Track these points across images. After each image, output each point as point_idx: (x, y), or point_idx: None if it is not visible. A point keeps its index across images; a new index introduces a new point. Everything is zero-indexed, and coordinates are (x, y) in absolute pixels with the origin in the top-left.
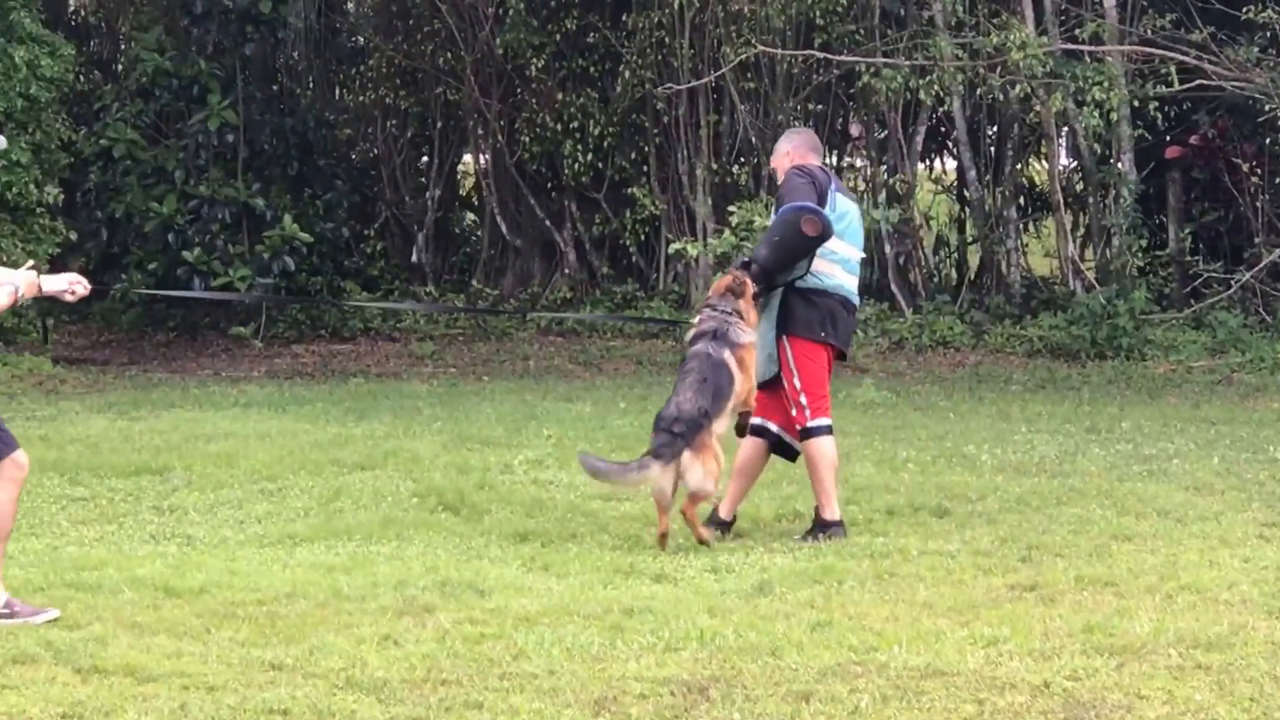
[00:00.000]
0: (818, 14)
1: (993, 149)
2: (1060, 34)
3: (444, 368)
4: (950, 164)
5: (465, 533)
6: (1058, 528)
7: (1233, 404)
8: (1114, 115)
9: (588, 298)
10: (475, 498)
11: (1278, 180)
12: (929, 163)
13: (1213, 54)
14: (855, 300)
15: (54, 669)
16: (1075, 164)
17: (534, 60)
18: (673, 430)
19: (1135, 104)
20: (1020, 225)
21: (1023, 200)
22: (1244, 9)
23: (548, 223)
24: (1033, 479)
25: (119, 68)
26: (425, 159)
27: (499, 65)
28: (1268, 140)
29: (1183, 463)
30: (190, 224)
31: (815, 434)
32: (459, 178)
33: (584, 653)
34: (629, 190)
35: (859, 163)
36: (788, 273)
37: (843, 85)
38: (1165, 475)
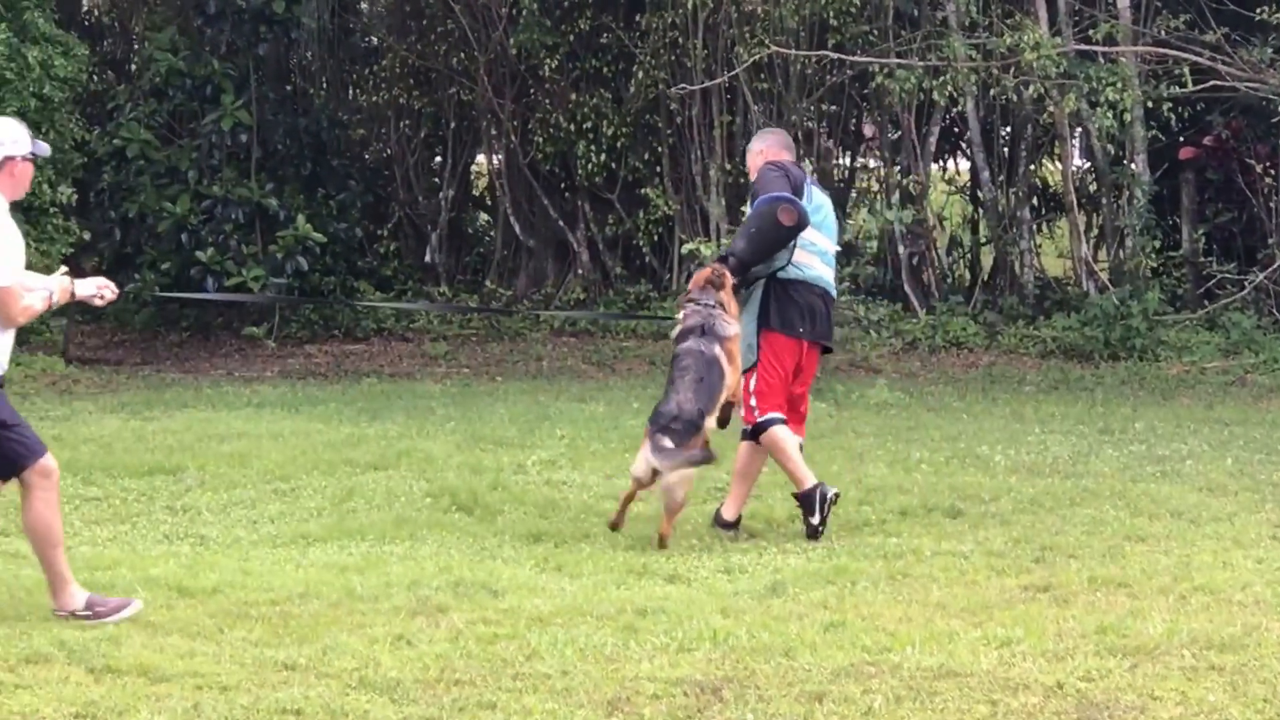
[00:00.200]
0: (831, 14)
1: (1006, 150)
2: (1074, 35)
3: (457, 368)
4: (964, 165)
5: (478, 533)
6: (1071, 529)
7: (1246, 405)
8: (1128, 116)
9: (601, 298)
10: (488, 498)
11: None
12: (942, 163)
13: (1227, 55)
14: (833, 292)
15: (67, 668)
16: (1089, 165)
17: (547, 60)
18: (670, 428)
19: (1149, 105)
20: (1034, 226)
21: (1036, 201)
22: (1258, 10)
23: (561, 223)
24: (1046, 480)
25: (132, 68)
26: (439, 159)
27: (512, 65)
28: None
29: (1196, 464)
30: (203, 224)
31: (768, 425)
32: (472, 178)
33: (597, 653)
34: (642, 190)
35: (872, 163)
36: (767, 264)
37: (856, 86)
38: (1178, 476)
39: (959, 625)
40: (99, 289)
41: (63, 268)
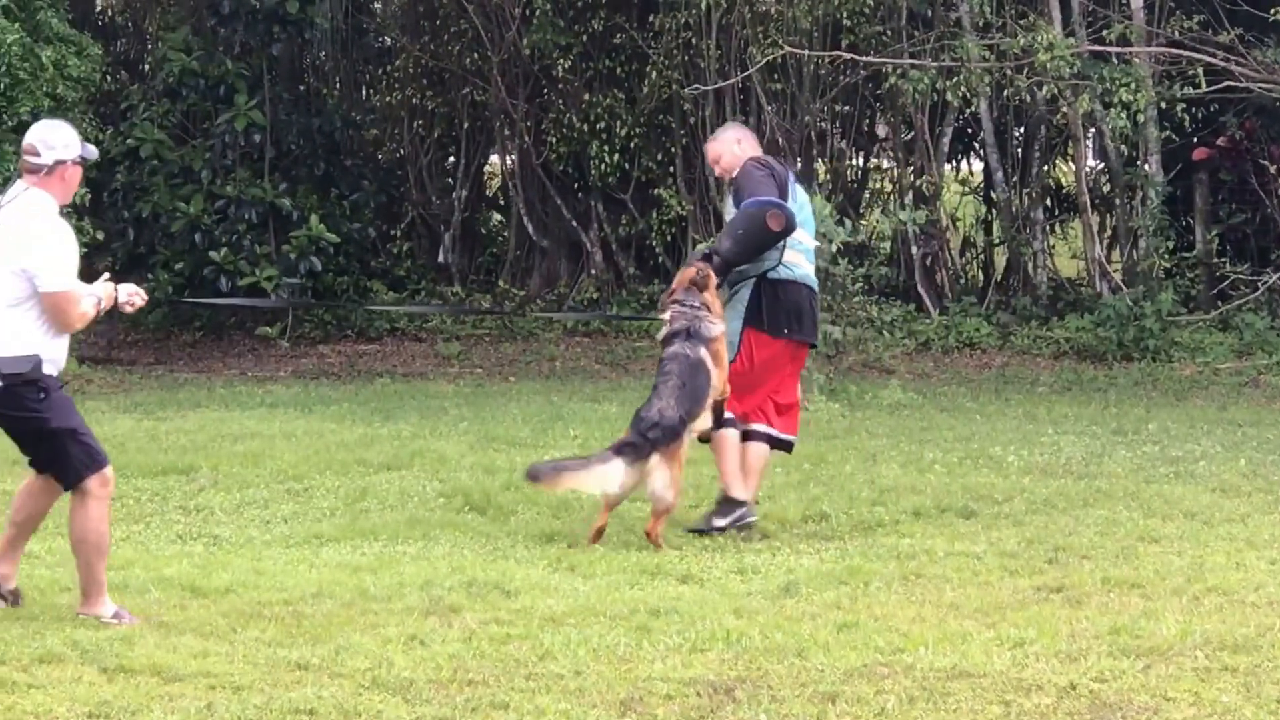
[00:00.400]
0: (845, 15)
1: (1019, 150)
2: (1087, 35)
3: (470, 368)
4: (977, 165)
5: (491, 533)
6: (1084, 529)
7: (1259, 406)
8: (1141, 117)
9: (614, 298)
10: (501, 498)
11: None
12: (956, 164)
13: (1240, 55)
14: (816, 287)
15: (80, 668)
16: (1102, 165)
17: (561, 61)
18: (647, 435)
19: (1162, 105)
20: (1047, 227)
21: (1049, 202)
22: (1272, 10)
23: (574, 223)
24: (1059, 480)
25: (146, 68)
26: (452, 159)
27: (526, 66)
28: None
29: (1209, 465)
30: (217, 224)
31: (724, 425)
32: (485, 178)
33: (610, 653)
34: (655, 191)
35: (886, 164)
36: (757, 264)
37: (870, 86)
38: (1192, 477)
39: (972, 626)
40: (130, 295)
41: (105, 274)
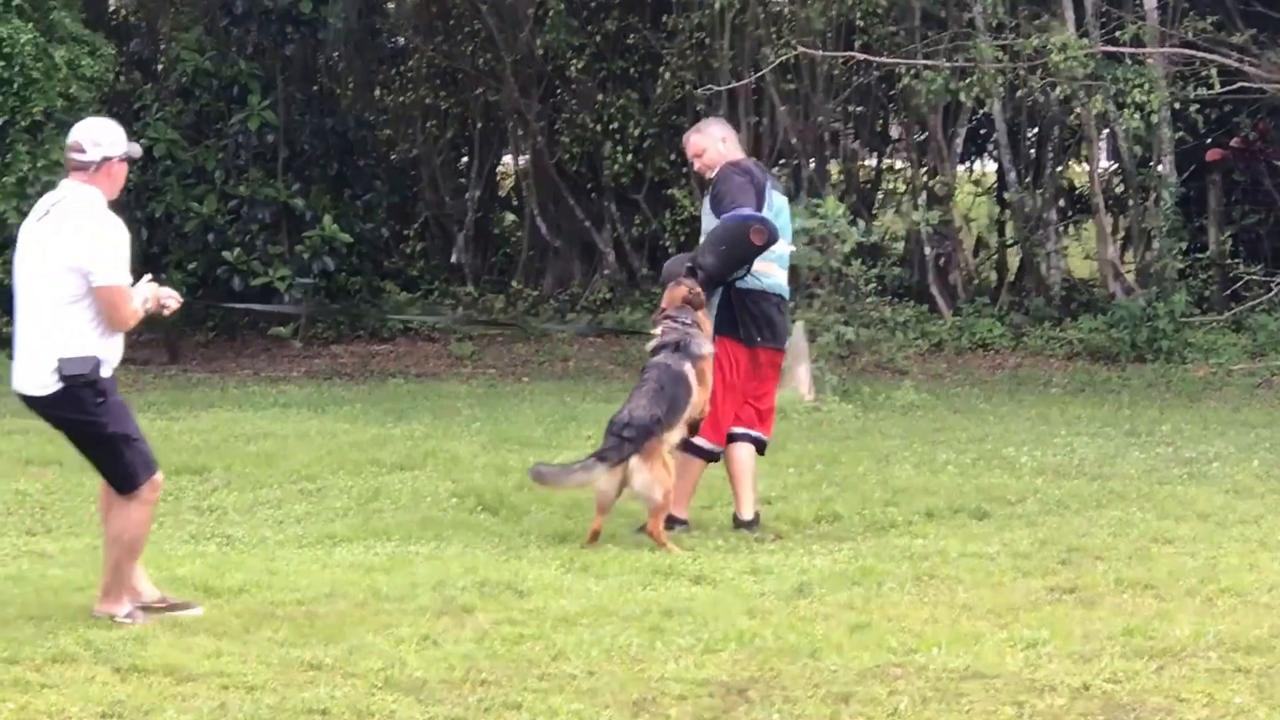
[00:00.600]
0: (858, 16)
1: (1033, 151)
2: (1101, 36)
3: (483, 368)
4: (990, 166)
5: (504, 533)
6: (1097, 530)
7: (1273, 407)
8: (1154, 117)
9: (627, 298)
10: (514, 498)
11: None
12: (969, 165)
13: (1254, 56)
14: (787, 294)
15: (93, 668)
16: (1115, 166)
17: (574, 61)
18: (622, 435)
19: (1176, 106)
20: (1060, 227)
21: (1063, 202)
22: None
23: (587, 223)
24: (1072, 481)
25: (159, 68)
26: (465, 159)
27: (539, 66)
28: None
29: (1223, 466)
30: (230, 224)
31: (693, 450)
32: (498, 178)
33: (623, 654)
34: (669, 191)
35: (899, 164)
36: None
37: (883, 87)
38: (1205, 478)
39: (985, 627)
40: (165, 298)
41: (147, 275)
